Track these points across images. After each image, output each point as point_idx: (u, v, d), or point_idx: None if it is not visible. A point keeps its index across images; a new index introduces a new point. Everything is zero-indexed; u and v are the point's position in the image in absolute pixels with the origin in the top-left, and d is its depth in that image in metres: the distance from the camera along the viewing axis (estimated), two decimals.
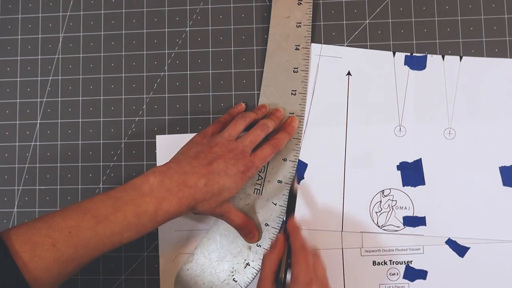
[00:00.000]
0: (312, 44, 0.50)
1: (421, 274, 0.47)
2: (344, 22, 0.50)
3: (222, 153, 0.42)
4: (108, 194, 0.39)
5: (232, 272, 0.47)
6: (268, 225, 0.47)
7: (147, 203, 0.39)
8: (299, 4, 0.49)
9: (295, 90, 0.48)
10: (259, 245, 0.47)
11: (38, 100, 0.52)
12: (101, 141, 0.51)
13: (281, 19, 0.49)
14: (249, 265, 0.47)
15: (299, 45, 0.49)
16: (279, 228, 0.47)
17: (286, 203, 0.47)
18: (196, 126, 0.50)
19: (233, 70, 0.50)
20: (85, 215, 0.38)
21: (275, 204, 0.47)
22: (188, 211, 0.41)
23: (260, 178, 0.48)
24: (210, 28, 0.51)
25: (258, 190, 0.47)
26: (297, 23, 0.49)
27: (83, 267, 0.38)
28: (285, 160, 0.48)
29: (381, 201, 0.48)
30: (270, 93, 0.49)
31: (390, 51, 0.49)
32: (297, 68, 0.49)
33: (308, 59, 0.49)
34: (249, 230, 0.46)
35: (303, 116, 0.49)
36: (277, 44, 0.49)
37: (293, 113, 0.48)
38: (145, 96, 0.51)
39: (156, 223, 0.40)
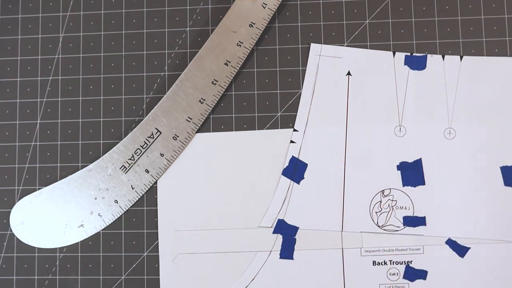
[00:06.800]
0: (312, 44, 0.50)
1: (421, 274, 0.47)
2: (344, 22, 0.50)
3: None
4: None
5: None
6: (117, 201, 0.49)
7: None
8: (251, 26, 0.49)
9: (205, 99, 0.49)
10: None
11: (38, 100, 0.52)
12: (101, 141, 0.51)
13: (226, 29, 0.49)
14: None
15: (229, 62, 0.48)
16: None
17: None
18: None
19: None
20: None
21: (133, 188, 0.49)
22: None
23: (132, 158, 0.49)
24: (210, 28, 0.51)
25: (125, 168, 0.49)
26: (240, 41, 0.49)
27: (83, 266, 0.38)
28: (162, 155, 0.48)
29: (381, 201, 0.48)
30: (187, 91, 0.49)
31: (390, 51, 0.49)
32: (217, 81, 0.49)
33: (231, 77, 0.49)
34: None
35: (198, 125, 0.49)
36: (212, 50, 0.49)
37: (191, 119, 0.48)
38: (145, 96, 0.51)
39: None
